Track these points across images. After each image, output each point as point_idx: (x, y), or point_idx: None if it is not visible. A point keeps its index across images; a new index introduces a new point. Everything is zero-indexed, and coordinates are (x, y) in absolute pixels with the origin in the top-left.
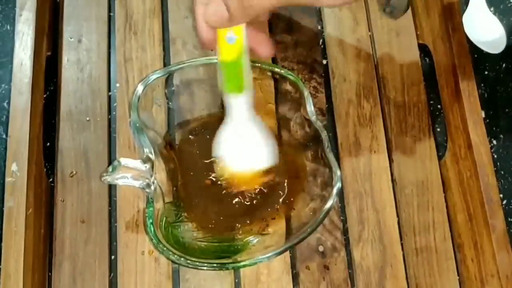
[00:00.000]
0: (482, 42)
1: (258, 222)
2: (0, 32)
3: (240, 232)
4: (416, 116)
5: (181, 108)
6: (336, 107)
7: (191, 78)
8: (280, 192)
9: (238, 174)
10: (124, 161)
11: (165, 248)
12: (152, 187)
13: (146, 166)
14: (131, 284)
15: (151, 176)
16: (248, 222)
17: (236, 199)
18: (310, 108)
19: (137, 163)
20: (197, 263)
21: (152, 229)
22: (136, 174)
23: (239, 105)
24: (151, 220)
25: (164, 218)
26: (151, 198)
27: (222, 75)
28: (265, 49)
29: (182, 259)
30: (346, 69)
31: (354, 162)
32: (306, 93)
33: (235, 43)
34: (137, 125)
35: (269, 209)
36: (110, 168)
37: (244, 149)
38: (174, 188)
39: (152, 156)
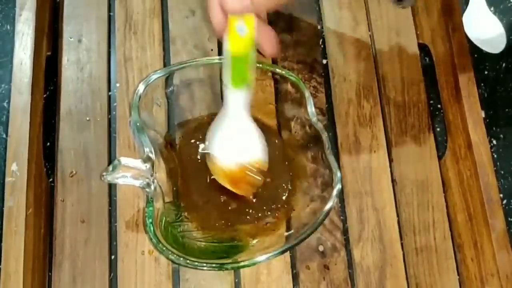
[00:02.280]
0: (482, 42)
1: (262, 221)
2: (0, 32)
3: (240, 233)
4: (416, 116)
5: (181, 108)
6: (336, 107)
7: (191, 78)
8: (280, 192)
9: (227, 169)
10: (124, 160)
11: (164, 248)
12: (152, 187)
13: (146, 166)
14: (131, 284)
15: (151, 175)
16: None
17: (236, 200)
18: (311, 109)
19: (137, 163)
20: (196, 263)
21: (152, 228)
22: (136, 173)
23: (237, 100)
24: (150, 220)
25: (164, 218)
26: (151, 198)
27: (228, 67)
28: (271, 47)
29: (181, 259)
30: (346, 68)
31: (354, 162)
32: (307, 94)
33: (245, 35)
34: (138, 124)
35: (269, 210)
36: (110, 167)
37: (235, 144)
38: (174, 188)
39: (152, 156)
